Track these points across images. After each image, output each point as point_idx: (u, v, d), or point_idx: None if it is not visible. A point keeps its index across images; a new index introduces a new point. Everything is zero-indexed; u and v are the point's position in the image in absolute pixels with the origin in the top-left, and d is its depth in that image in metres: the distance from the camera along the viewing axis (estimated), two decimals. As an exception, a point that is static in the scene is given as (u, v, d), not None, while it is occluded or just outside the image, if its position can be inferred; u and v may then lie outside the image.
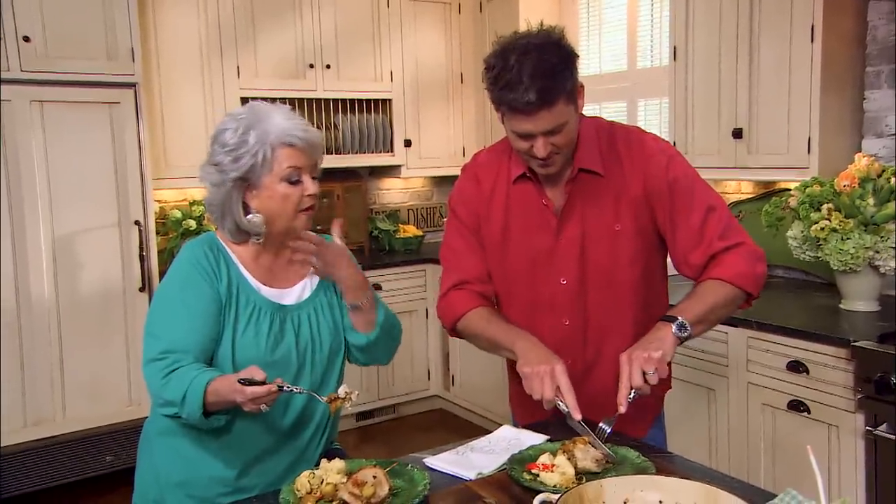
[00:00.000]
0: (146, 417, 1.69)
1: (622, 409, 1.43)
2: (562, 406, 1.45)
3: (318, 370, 1.64)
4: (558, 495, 1.11)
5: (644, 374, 1.44)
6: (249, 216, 1.56)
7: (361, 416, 4.24)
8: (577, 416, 1.44)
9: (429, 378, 4.37)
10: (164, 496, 1.59)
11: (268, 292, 1.61)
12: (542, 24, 1.54)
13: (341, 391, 1.46)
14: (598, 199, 1.63)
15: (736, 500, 1.07)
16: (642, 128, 1.72)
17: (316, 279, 1.68)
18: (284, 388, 1.36)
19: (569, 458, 1.33)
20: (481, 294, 1.73)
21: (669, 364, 1.52)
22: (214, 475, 1.57)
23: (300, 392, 1.42)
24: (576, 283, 1.65)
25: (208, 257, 1.57)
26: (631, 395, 1.44)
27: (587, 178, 1.62)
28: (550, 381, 1.46)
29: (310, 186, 1.56)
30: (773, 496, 1.18)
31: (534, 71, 1.44)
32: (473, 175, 1.74)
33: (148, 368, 1.49)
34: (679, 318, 1.51)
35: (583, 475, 1.32)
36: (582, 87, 1.55)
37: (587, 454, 1.34)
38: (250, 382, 1.33)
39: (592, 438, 1.42)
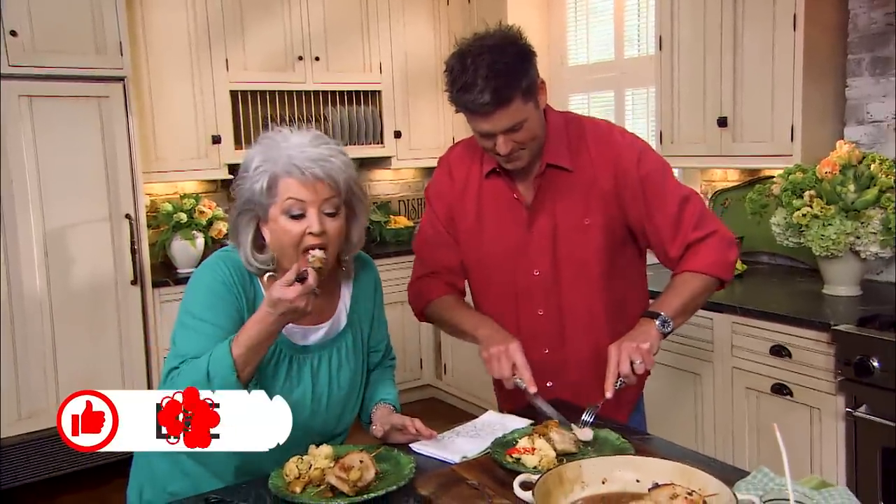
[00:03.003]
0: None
1: (609, 395, 1.49)
2: (520, 383, 1.53)
3: (332, 412, 1.56)
4: (539, 476, 1.15)
5: (631, 363, 1.50)
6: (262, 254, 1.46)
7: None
8: (533, 389, 1.51)
9: (421, 367, 4.41)
10: (158, 501, 1.55)
11: (291, 331, 1.48)
12: (499, 24, 1.56)
13: (314, 255, 1.38)
14: (567, 194, 1.66)
15: (709, 477, 1.11)
16: (611, 120, 1.77)
17: (345, 318, 1.57)
18: (301, 270, 1.32)
19: (548, 441, 1.37)
20: (450, 284, 1.77)
21: None
22: None
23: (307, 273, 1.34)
24: (549, 275, 1.69)
25: (235, 278, 1.45)
26: (618, 383, 1.51)
27: (556, 173, 1.65)
28: (506, 359, 1.53)
29: (314, 223, 1.38)
30: (748, 474, 1.22)
31: (488, 72, 1.46)
32: (447, 169, 1.78)
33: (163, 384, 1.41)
34: (661, 313, 1.59)
35: (563, 457, 1.35)
36: (543, 83, 1.57)
37: (565, 437, 1.38)
38: (301, 278, 1.29)
39: (559, 418, 1.49)
